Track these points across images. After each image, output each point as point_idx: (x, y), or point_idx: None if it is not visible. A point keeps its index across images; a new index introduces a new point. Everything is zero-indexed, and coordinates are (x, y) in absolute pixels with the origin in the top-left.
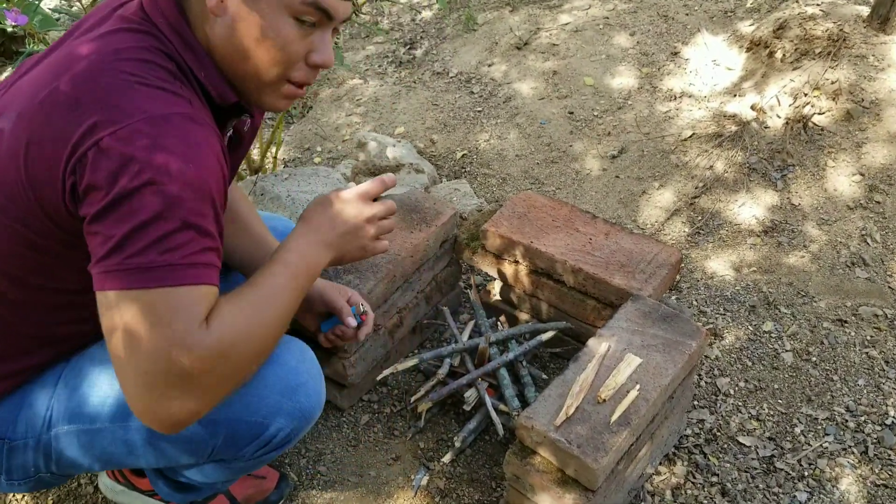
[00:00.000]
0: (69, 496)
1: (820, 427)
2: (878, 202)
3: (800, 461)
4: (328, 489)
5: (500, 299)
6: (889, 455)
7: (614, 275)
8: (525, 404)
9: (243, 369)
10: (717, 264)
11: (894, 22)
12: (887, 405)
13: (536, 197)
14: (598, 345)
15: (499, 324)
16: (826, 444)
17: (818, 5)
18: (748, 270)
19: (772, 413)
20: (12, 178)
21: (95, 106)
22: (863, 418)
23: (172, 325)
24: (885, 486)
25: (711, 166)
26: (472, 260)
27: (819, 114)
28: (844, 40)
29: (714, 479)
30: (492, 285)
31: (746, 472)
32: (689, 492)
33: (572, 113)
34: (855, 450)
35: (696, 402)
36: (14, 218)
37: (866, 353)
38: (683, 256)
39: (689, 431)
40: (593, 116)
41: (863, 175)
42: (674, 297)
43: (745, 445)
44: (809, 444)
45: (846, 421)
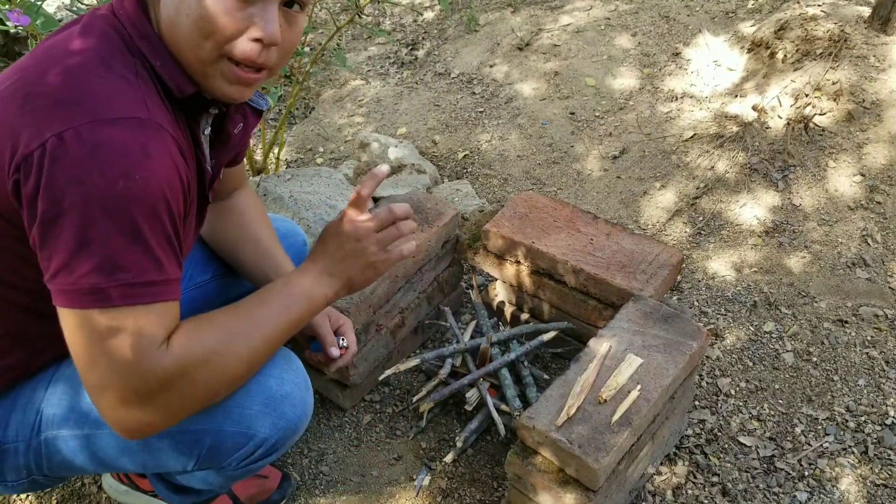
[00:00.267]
0: (73, 496)
1: (820, 427)
2: (879, 203)
3: (800, 461)
4: (330, 489)
5: (501, 300)
6: (889, 455)
7: (615, 275)
8: (526, 404)
9: (210, 391)
10: (718, 265)
11: (895, 23)
12: (887, 405)
13: (538, 197)
14: (600, 345)
15: (500, 324)
16: (826, 444)
17: (819, 6)
18: (749, 271)
19: (772, 413)
20: None
21: (45, 104)
22: (863, 418)
23: (128, 345)
24: (885, 486)
25: (713, 167)
26: (473, 260)
27: (820, 114)
28: (845, 41)
29: (715, 479)
30: (493, 286)
31: (747, 472)
32: (689, 492)
33: (574, 113)
34: (855, 450)
35: (697, 403)
36: None
37: (867, 353)
38: (685, 257)
39: (689, 431)
40: (595, 117)
41: (864, 176)
42: (675, 297)
43: (745, 445)
44: (810, 444)
45: (846, 421)
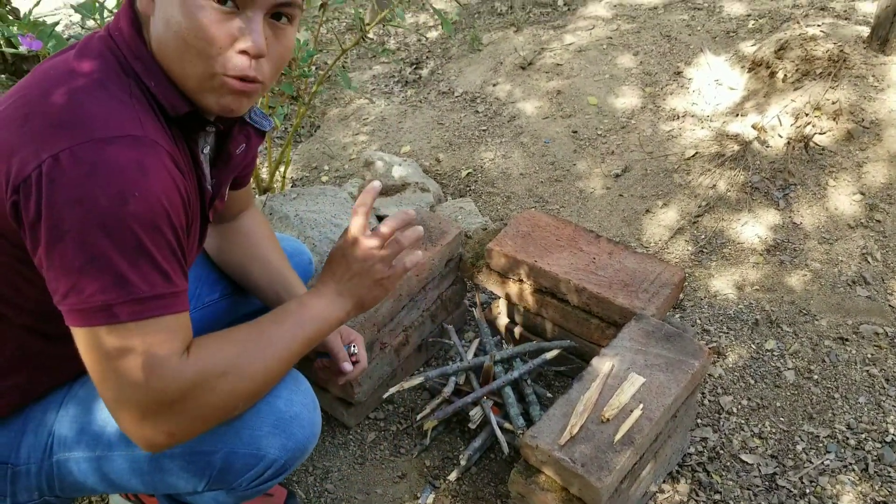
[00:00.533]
0: None
1: (821, 445)
2: (879, 221)
3: (801, 479)
4: None
5: (504, 318)
6: (889, 472)
7: (618, 294)
8: (530, 423)
9: (228, 405)
10: (720, 283)
11: (894, 43)
12: (887, 423)
13: (540, 216)
14: (602, 364)
15: (503, 342)
16: (827, 462)
17: (819, 26)
18: (751, 289)
19: (774, 431)
20: None
21: (42, 125)
22: (863, 436)
23: (145, 358)
24: None
25: (714, 185)
26: (476, 278)
27: (820, 133)
28: (845, 61)
29: (717, 496)
30: (496, 304)
31: (749, 489)
32: None
33: (576, 132)
34: (856, 467)
35: (700, 421)
36: None
37: (867, 370)
38: (687, 275)
39: (692, 449)
40: (597, 135)
41: (863, 194)
42: (678, 315)
43: (747, 463)
44: (811, 462)
45: (847, 438)
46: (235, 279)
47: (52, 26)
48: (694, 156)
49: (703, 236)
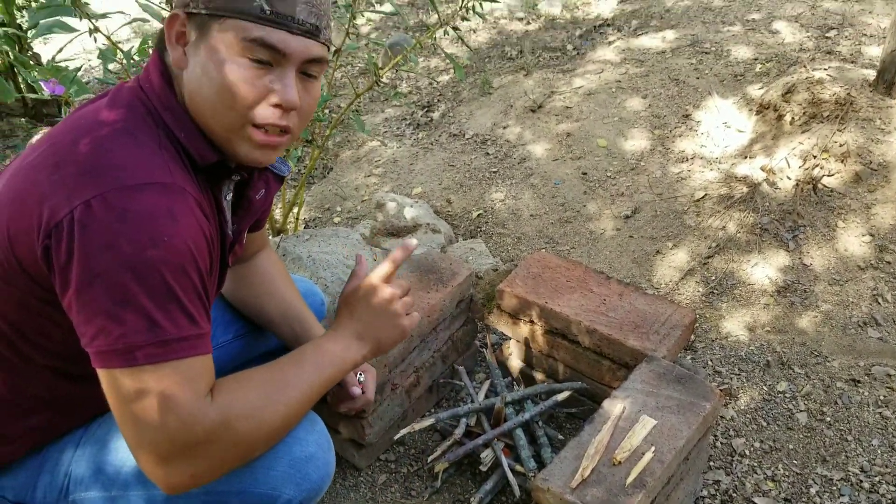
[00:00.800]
0: None
1: (835, 488)
2: (889, 262)
3: None
4: None
5: (515, 359)
6: None
7: (629, 336)
8: (541, 465)
9: (250, 447)
10: (731, 324)
11: None
12: None
13: (551, 257)
14: (613, 406)
15: (514, 383)
16: None
17: (825, 70)
18: (762, 330)
19: (787, 473)
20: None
21: (73, 172)
22: (877, 479)
23: (174, 398)
24: None
25: (724, 227)
26: (487, 319)
27: (828, 175)
28: (852, 104)
29: None
30: (507, 345)
31: None
32: None
33: (586, 174)
34: None
35: (712, 463)
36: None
37: (880, 412)
38: (698, 316)
39: (704, 493)
40: (607, 177)
41: (872, 236)
42: (689, 356)
43: None
44: None
45: (861, 481)
46: (250, 316)
47: (74, 72)
48: (703, 197)
49: (713, 277)
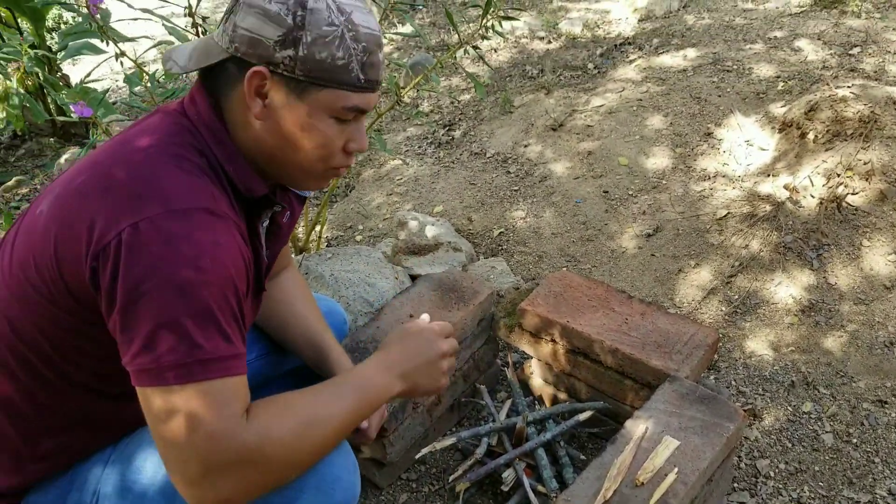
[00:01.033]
0: None
1: None
2: None
3: None
4: None
5: (537, 378)
6: None
7: (651, 355)
8: (563, 485)
9: (283, 471)
10: (755, 344)
11: None
12: None
13: (572, 276)
14: (636, 427)
15: (536, 403)
16: None
17: (849, 87)
18: (786, 350)
19: (813, 496)
20: (45, 257)
21: (119, 196)
22: None
23: (211, 417)
24: None
25: (747, 245)
26: (509, 338)
27: (853, 194)
28: (876, 122)
29: None
30: (529, 364)
31: None
32: None
33: (607, 192)
34: None
35: (736, 485)
36: (44, 295)
37: None
38: (721, 336)
39: None
40: (628, 195)
41: None
42: (712, 376)
43: None
44: None
45: None
46: (273, 336)
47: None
48: (726, 216)
49: (736, 297)
